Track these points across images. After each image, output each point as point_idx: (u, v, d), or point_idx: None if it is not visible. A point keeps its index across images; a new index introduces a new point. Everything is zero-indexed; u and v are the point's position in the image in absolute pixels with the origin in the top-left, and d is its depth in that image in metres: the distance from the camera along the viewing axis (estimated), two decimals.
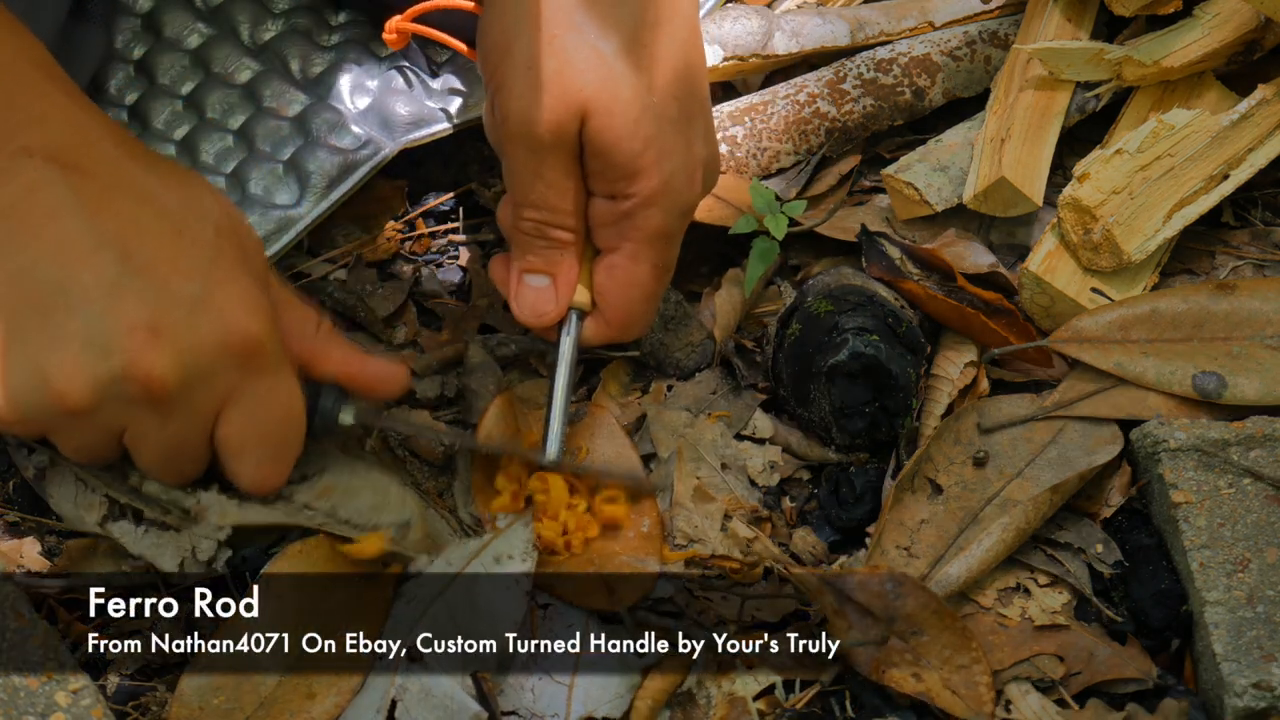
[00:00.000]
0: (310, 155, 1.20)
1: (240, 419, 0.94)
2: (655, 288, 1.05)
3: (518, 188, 1.02)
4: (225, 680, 0.94)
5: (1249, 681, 0.93)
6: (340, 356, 1.00)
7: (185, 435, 0.93)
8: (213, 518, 0.98)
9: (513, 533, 1.00)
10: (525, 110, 0.98)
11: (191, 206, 0.93)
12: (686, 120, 1.02)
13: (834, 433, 1.09)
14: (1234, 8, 1.23)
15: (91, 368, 0.88)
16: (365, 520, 1.02)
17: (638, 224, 1.02)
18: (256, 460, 0.96)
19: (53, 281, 0.89)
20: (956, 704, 0.94)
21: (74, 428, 0.92)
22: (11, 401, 0.90)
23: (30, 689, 0.90)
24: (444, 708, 0.91)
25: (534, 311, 1.04)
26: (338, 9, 1.34)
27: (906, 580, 0.98)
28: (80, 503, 1.02)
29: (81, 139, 0.92)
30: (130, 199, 0.91)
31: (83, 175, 0.90)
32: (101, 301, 0.88)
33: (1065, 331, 1.11)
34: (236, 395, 0.93)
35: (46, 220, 0.89)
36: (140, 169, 0.93)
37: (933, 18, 1.35)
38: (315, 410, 0.99)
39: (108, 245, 0.89)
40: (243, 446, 0.95)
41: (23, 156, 0.90)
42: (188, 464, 0.96)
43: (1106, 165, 1.13)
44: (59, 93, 0.93)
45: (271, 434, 0.95)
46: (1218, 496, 1.01)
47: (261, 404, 0.94)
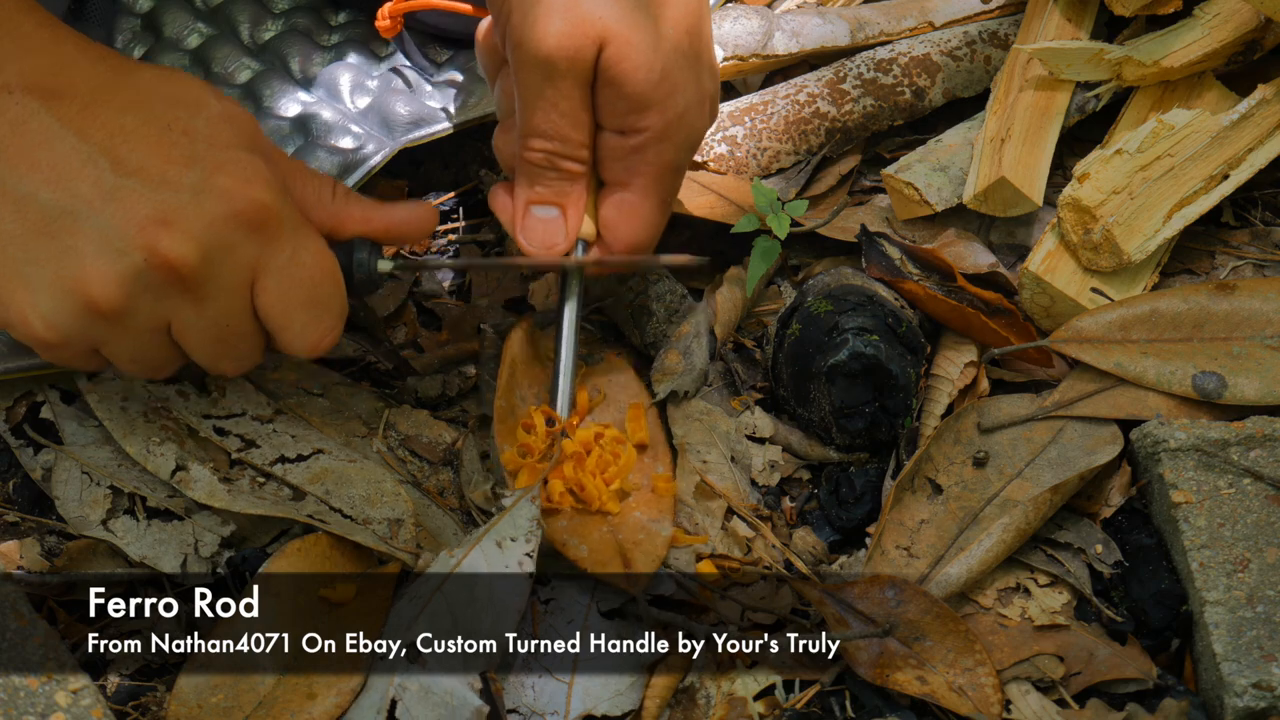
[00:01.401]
0: (310, 156, 1.20)
1: (275, 285, 0.95)
2: (660, 221, 1.05)
3: (529, 117, 1.00)
4: (224, 680, 0.94)
5: (1249, 681, 0.93)
6: (361, 212, 1.01)
7: (227, 314, 0.94)
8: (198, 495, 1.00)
9: (517, 511, 0.99)
10: (543, 35, 0.97)
11: (178, 102, 0.95)
12: (696, 55, 1.02)
13: (834, 433, 1.09)
14: (1234, 8, 1.23)
15: (113, 267, 0.91)
16: (357, 512, 1.02)
17: (649, 158, 1.02)
18: (303, 323, 0.96)
19: (54, 203, 0.91)
20: (964, 705, 0.94)
21: (119, 334, 0.94)
22: (48, 323, 0.92)
23: (30, 689, 0.90)
24: (445, 704, 0.91)
25: (543, 243, 1.03)
26: (338, 9, 1.34)
27: (907, 586, 0.98)
28: (85, 499, 1.02)
29: (58, 64, 0.94)
30: (112, 110, 0.93)
31: (62, 99, 0.92)
32: (105, 208, 0.91)
33: (1065, 331, 1.11)
34: (263, 263, 0.94)
35: (37, 148, 0.91)
36: (119, 79, 0.95)
37: (933, 18, 1.36)
38: (352, 266, 1.00)
39: (98, 156, 0.91)
40: (286, 312, 0.96)
41: (4, 94, 0.92)
42: (242, 345, 0.97)
43: (1106, 165, 1.13)
44: (31, 23, 0.95)
45: (310, 293, 0.96)
46: (1218, 496, 1.01)
47: (291, 266, 0.95)
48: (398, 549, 1.01)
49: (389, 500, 1.03)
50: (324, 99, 1.25)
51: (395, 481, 1.04)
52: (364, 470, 1.04)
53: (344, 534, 1.00)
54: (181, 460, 1.02)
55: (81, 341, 0.94)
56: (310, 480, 1.03)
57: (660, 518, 1.02)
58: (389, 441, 1.10)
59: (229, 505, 1.01)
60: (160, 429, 1.05)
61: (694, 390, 1.11)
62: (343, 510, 1.03)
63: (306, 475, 1.04)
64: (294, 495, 1.03)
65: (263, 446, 1.05)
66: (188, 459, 1.03)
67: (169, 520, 1.02)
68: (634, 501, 1.03)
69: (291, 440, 1.06)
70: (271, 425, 1.07)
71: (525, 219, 1.03)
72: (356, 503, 1.03)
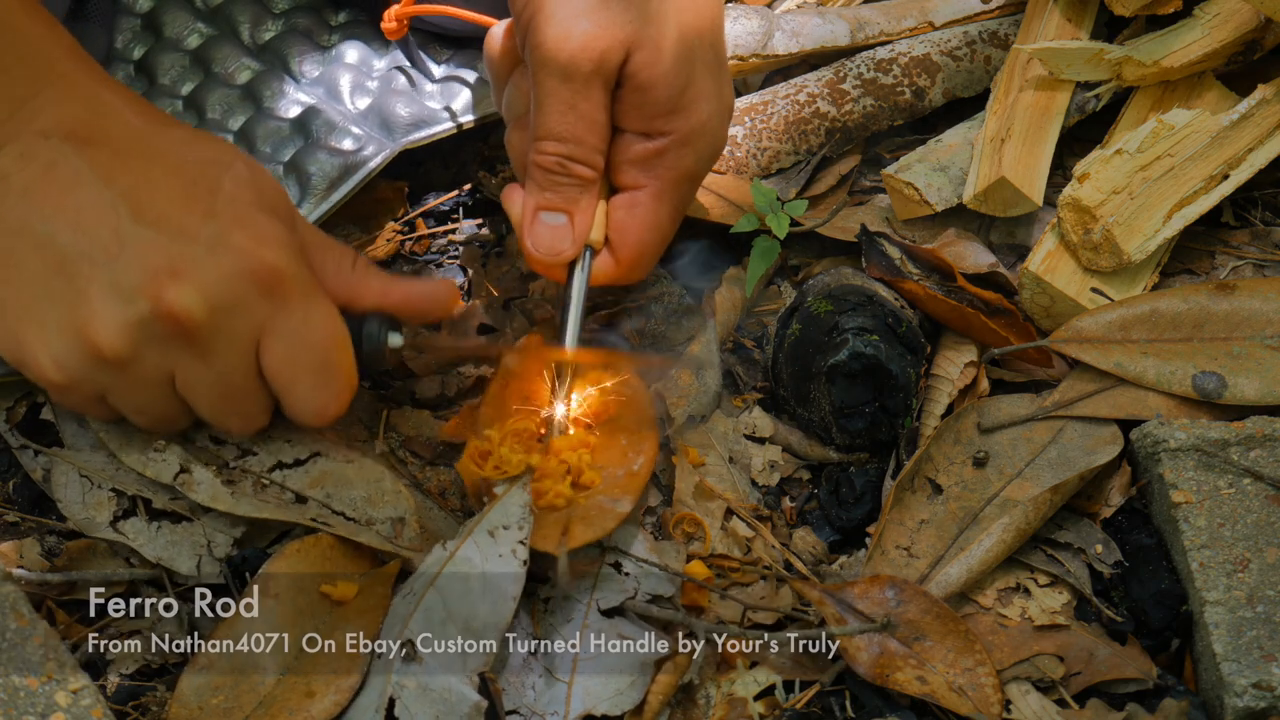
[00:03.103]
0: (310, 157, 1.20)
1: (281, 347, 0.95)
2: (670, 230, 1.05)
3: (544, 119, 1.00)
4: (224, 680, 0.94)
5: (1249, 681, 0.92)
6: (380, 286, 1.01)
7: (231, 371, 0.95)
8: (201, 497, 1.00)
9: (509, 500, 0.99)
10: (568, 39, 0.97)
11: (205, 160, 0.95)
12: (718, 67, 1.03)
13: (834, 433, 1.09)
14: (1234, 8, 1.23)
15: (120, 314, 0.91)
16: (359, 513, 1.02)
17: (669, 163, 1.02)
18: (308, 388, 0.97)
19: (73, 246, 0.92)
20: (964, 705, 0.94)
21: (123, 383, 0.94)
22: (57, 364, 0.94)
23: (30, 689, 0.90)
24: (443, 701, 0.91)
25: (550, 251, 1.03)
26: (338, 9, 1.34)
27: (907, 586, 0.98)
28: (89, 502, 1.02)
29: (97, 114, 0.95)
30: (142, 160, 0.94)
31: (97, 147, 0.93)
32: (120, 254, 0.91)
33: (1065, 331, 1.11)
34: (271, 325, 0.94)
35: (64, 193, 0.92)
36: (154, 132, 0.96)
37: (933, 18, 1.36)
38: (362, 339, 1.00)
39: (120, 203, 0.92)
40: (292, 375, 0.96)
41: (41, 139, 0.93)
42: (247, 404, 0.97)
43: (1106, 165, 1.13)
44: (78, 71, 0.96)
45: (317, 359, 0.96)
46: (1218, 496, 1.01)
47: (299, 331, 0.95)
48: (403, 547, 1.01)
49: (390, 499, 1.03)
50: (324, 99, 1.25)
51: (395, 480, 1.04)
52: (363, 470, 1.04)
53: (349, 536, 1.00)
54: (185, 462, 1.02)
55: (89, 386, 0.95)
56: (310, 485, 1.03)
57: (622, 497, 1.01)
58: (390, 442, 1.10)
59: (232, 508, 1.01)
60: (158, 439, 1.05)
61: (709, 412, 1.11)
62: (345, 513, 1.02)
63: (306, 480, 1.03)
64: (296, 500, 1.03)
65: (260, 453, 1.05)
66: (191, 461, 1.02)
67: (178, 522, 1.02)
68: (603, 486, 1.03)
69: (288, 445, 1.06)
70: (267, 430, 1.07)
71: (534, 225, 1.03)
72: (358, 504, 1.03)
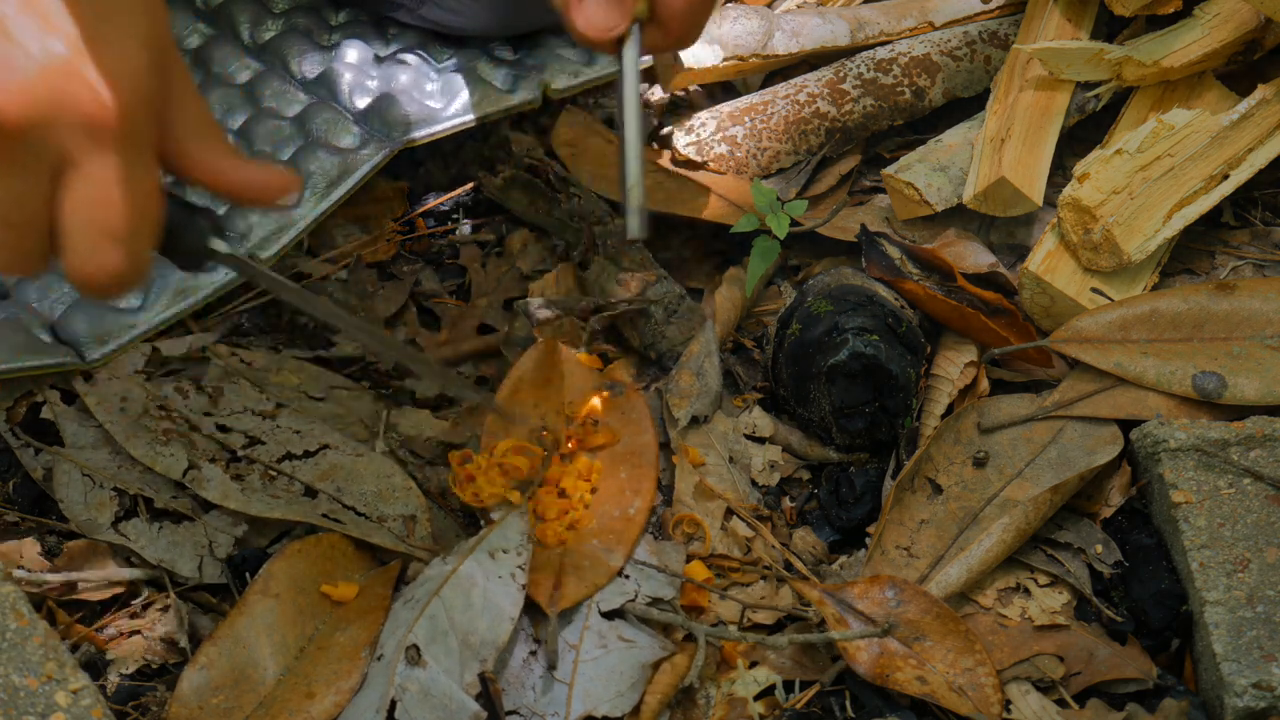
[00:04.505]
0: (310, 155, 1.20)
1: (80, 192, 0.87)
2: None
3: None
4: (224, 680, 0.94)
5: (1249, 681, 0.92)
6: (215, 163, 0.92)
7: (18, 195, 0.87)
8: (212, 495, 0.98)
9: (507, 525, 1.00)
10: None
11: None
12: None
13: (834, 433, 1.09)
14: (1234, 8, 1.23)
15: None
16: (370, 509, 1.02)
17: None
18: (90, 248, 0.88)
19: None
20: (964, 705, 0.94)
21: None
22: None
23: (30, 689, 0.90)
24: (443, 707, 0.91)
25: (601, 26, 1.00)
26: (338, 9, 1.34)
27: (907, 586, 0.98)
28: (91, 501, 1.02)
29: None
30: None
31: None
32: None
33: (1065, 331, 1.11)
34: (79, 165, 0.87)
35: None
36: None
37: (933, 18, 1.35)
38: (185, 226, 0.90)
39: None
40: (79, 227, 0.88)
41: None
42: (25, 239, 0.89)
43: (1106, 165, 1.13)
44: None
45: (112, 221, 0.88)
46: (1218, 496, 1.01)
47: (107, 184, 0.87)
48: (416, 548, 1.01)
49: (400, 496, 1.03)
50: (324, 99, 1.25)
51: (405, 476, 1.04)
52: (372, 464, 1.04)
53: (362, 536, 1.00)
54: (193, 459, 1.02)
55: None
56: (319, 477, 1.03)
57: (615, 548, 1.01)
58: (390, 442, 1.10)
59: (244, 507, 1.01)
60: (162, 431, 1.05)
61: (711, 412, 1.11)
62: (355, 508, 1.02)
63: (315, 472, 1.03)
64: (305, 492, 1.03)
65: (268, 443, 1.05)
66: (199, 458, 1.02)
67: (179, 522, 1.02)
68: (597, 529, 1.03)
69: (296, 437, 1.06)
70: (274, 421, 1.07)
71: (582, 2, 1.00)
72: (369, 499, 1.03)
